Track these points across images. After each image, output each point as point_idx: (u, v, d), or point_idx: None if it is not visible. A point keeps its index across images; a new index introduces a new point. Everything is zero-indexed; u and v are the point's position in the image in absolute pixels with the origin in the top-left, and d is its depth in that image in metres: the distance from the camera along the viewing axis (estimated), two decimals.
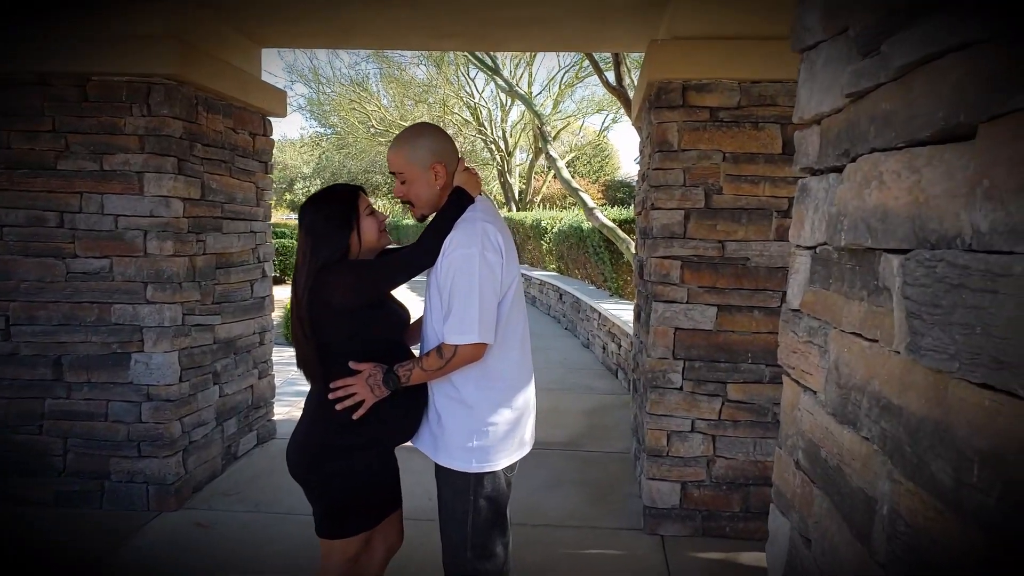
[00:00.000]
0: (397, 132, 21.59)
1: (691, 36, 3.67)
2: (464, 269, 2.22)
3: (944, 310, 0.73)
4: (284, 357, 6.32)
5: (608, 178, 27.92)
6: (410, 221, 33.99)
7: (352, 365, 2.27)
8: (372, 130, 23.21)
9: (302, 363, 2.37)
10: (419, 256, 2.33)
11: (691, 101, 3.70)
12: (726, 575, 3.51)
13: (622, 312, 8.42)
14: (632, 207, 15.97)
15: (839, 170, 1.10)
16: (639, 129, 7.70)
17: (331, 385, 2.27)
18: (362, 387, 2.26)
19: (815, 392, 1.17)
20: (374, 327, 2.35)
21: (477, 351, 2.24)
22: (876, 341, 0.91)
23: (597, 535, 3.89)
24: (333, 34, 4.86)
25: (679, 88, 3.70)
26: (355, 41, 5.08)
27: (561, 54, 19.73)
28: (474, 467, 2.32)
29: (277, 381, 5.53)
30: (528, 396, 2.49)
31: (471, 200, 2.40)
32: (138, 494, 4.08)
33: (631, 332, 7.05)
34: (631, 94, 8.17)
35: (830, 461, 1.06)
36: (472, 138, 23.71)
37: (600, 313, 8.87)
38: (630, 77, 8.35)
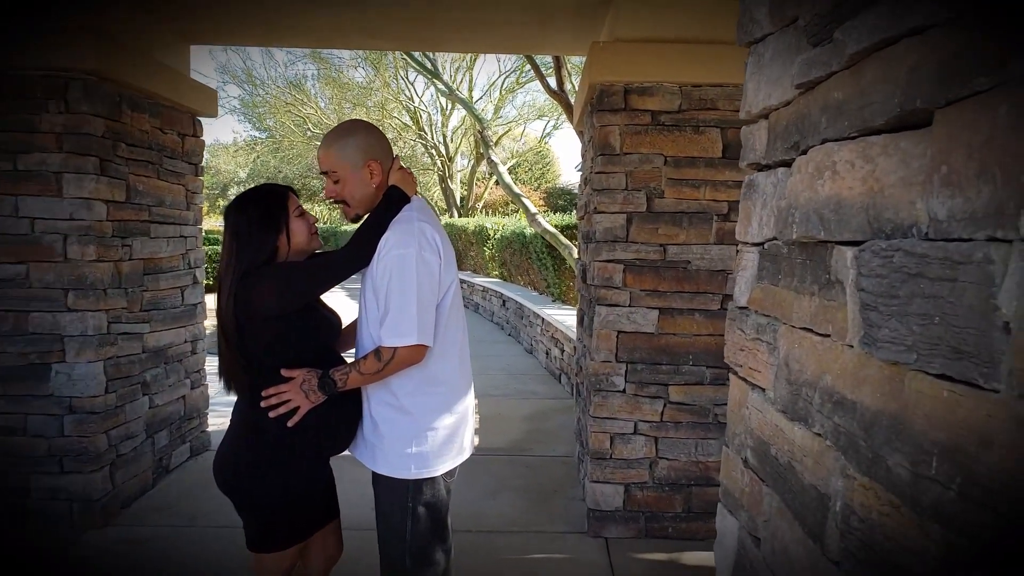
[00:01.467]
0: None
1: (633, 39, 3.68)
2: (401, 270, 2.15)
3: (901, 301, 0.71)
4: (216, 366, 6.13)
5: (549, 185, 28.04)
6: (350, 227, 33.51)
7: (284, 372, 2.18)
8: (308, 133, 22.84)
9: (225, 373, 2.25)
10: (352, 257, 2.25)
11: (633, 104, 3.70)
12: (667, 575, 3.51)
13: (565, 317, 8.43)
14: (574, 213, 16.06)
15: (788, 164, 1.08)
16: (581, 133, 7.75)
17: (263, 393, 2.17)
18: (296, 393, 2.17)
19: (764, 390, 1.15)
20: (303, 333, 2.25)
21: (416, 353, 2.18)
22: (828, 336, 0.89)
23: (541, 539, 3.86)
24: (266, 32, 4.73)
25: (621, 91, 3.69)
26: (289, 39, 4.96)
27: (502, 59, 19.79)
28: (413, 473, 2.26)
29: (211, 391, 5.35)
30: (468, 400, 2.44)
31: (406, 199, 2.33)
32: (62, 512, 3.88)
33: (574, 337, 7.07)
34: (572, 99, 8.21)
35: (780, 459, 1.04)
36: (412, 143, 23.53)
37: (543, 319, 8.86)
38: (571, 82, 8.39)
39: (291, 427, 2.18)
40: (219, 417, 5.86)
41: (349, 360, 2.33)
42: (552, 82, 8.32)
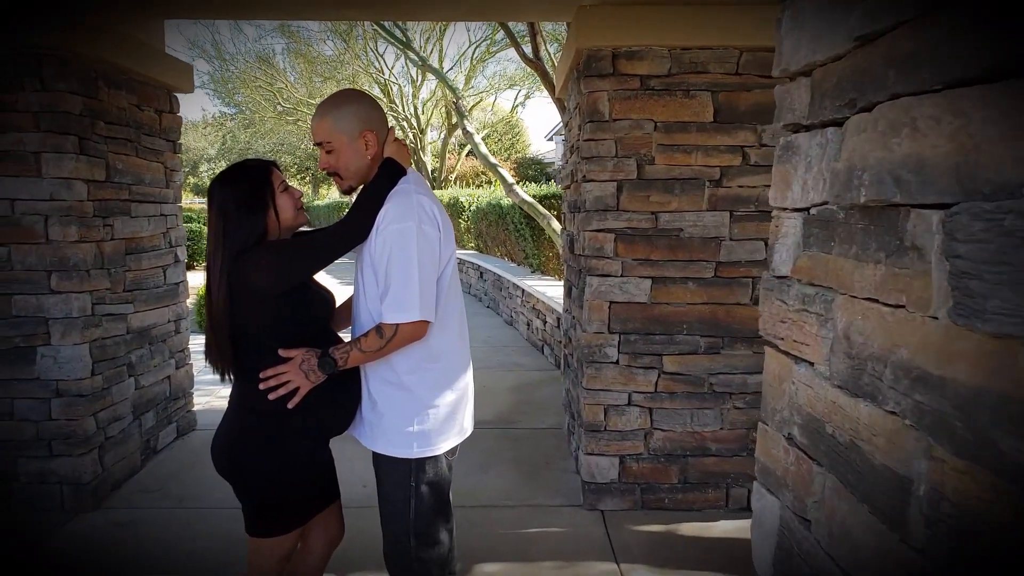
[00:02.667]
0: (305, 111, 20.83)
1: (620, 1, 3.60)
2: (401, 244, 2.09)
3: (1014, 268, 0.66)
4: (200, 345, 6.03)
5: (519, 155, 27.85)
6: (322, 202, 33.09)
7: (282, 352, 2.11)
8: (279, 108, 22.44)
9: (215, 355, 2.17)
10: (349, 232, 2.18)
11: (621, 69, 3.64)
12: (667, 546, 3.52)
13: (546, 288, 8.41)
14: (547, 183, 15.97)
15: (838, 123, 1.03)
16: (559, 101, 7.66)
17: (262, 375, 2.11)
18: (295, 373, 2.11)
19: (812, 364, 1.11)
20: (300, 312, 2.18)
21: (418, 329, 2.13)
22: (901, 307, 0.86)
23: (536, 513, 3.85)
24: (237, 4, 4.58)
25: (609, 56, 3.63)
26: (261, 12, 4.80)
27: (472, 29, 19.52)
28: (415, 452, 2.21)
29: (194, 370, 5.26)
30: (468, 376, 2.40)
31: (403, 172, 2.27)
32: (52, 495, 3.81)
33: (557, 308, 7.05)
34: (548, 67, 8.10)
35: (839, 437, 1.00)
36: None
37: (524, 290, 8.83)
38: (546, 49, 8.27)
39: (290, 408, 2.13)
40: (204, 396, 5.81)
41: (345, 338, 2.28)
42: (528, 50, 8.20)
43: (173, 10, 4.65)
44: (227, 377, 2.22)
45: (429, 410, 2.23)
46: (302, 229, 2.33)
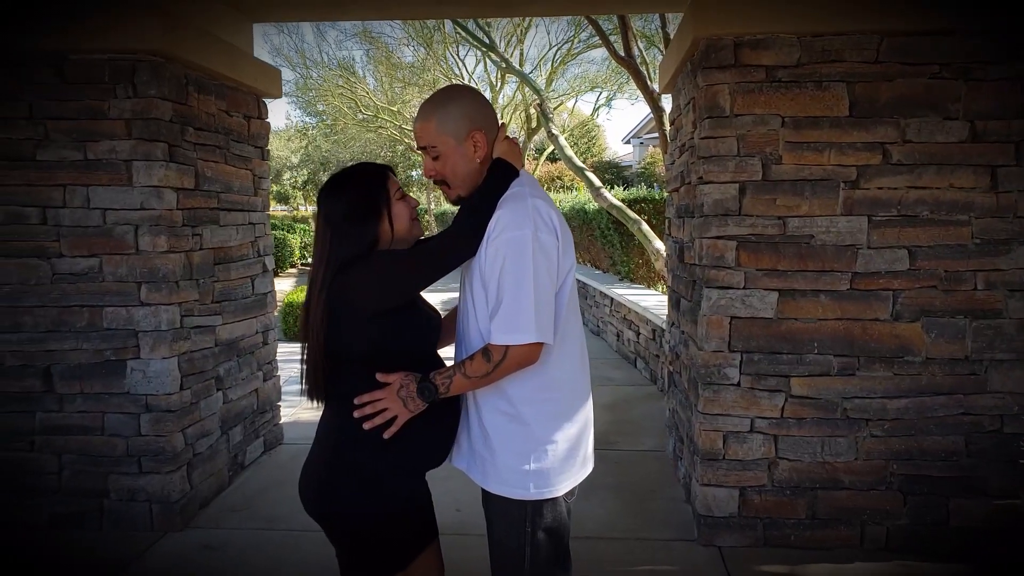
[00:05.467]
0: (386, 118, 21.02)
1: None
2: (515, 255, 1.82)
3: None
4: (284, 354, 5.91)
5: (596, 159, 27.46)
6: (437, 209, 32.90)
7: (380, 377, 1.87)
8: (360, 116, 22.63)
9: (312, 379, 1.96)
10: (458, 243, 1.92)
11: (744, 60, 3.29)
12: None
13: (638, 297, 8.06)
14: (625, 187, 15.55)
15: None
16: (656, 100, 7.32)
17: (357, 400, 1.87)
18: (393, 401, 1.87)
19: None
20: (404, 333, 1.94)
21: (531, 353, 1.86)
22: None
23: (646, 547, 3.53)
24: (328, 4, 4.42)
25: (730, 45, 3.29)
26: (353, 11, 4.63)
27: (552, 31, 19.27)
28: (532, 493, 1.95)
29: (281, 382, 5.13)
30: (589, 405, 2.12)
31: (515, 173, 2.00)
32: (140, 513, 3.70)
33: (653, 319, 6.70)
34: (639, 64, 7.77)
35: None
36: None
37: (612, 299, 8.49)
38: (638, 46, 7.92)
39: (382, 440, 1.88)
40: (289, 407, 5.69)
41: (446, 359, 2.03)
42: (618, 49, 7.88)
43: (265, 12, 4.54)
44: (318, 400, 2.00)
45: (547, 446, 1.96)
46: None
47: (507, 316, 1.82)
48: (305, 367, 1.96)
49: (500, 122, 2.09)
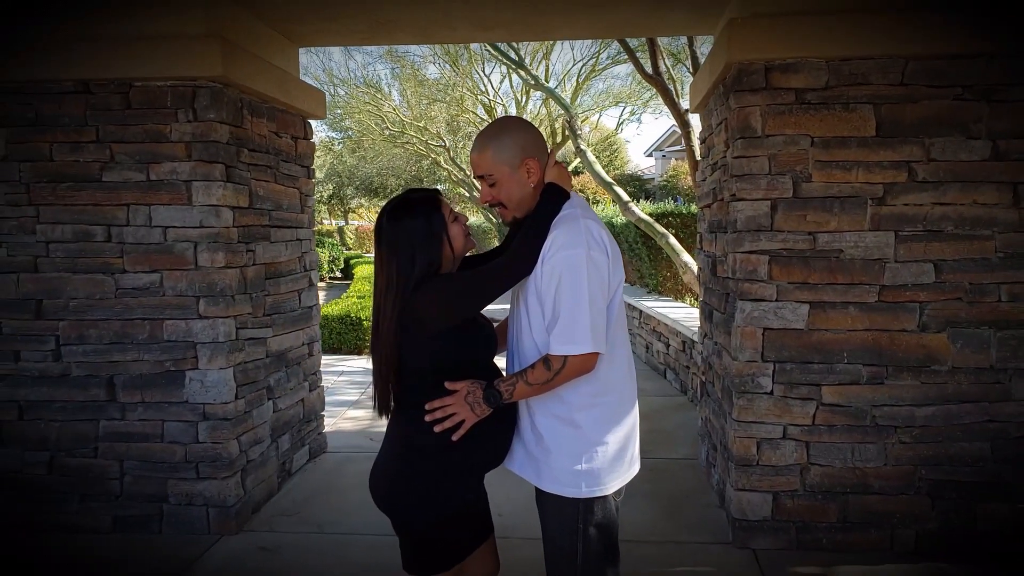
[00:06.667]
0: (412, 133, 21.27)
1: (772, 12, 3.43)
2: (571, 272, 1.99)
3: None
4: (328, 366, 6.13)
5: (618, 172, 27.57)
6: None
7: (448, 385, 2.05)
8: (386, 131, 22.96)
9: (382, 398, 2.14)
10: (516, 265, 2.09)
11: (775, 83, 3.45)
12: None
13: (667, 310, 8.18)
14: (661, 201, 15.65)
15: None
16: (683, 117, 7.48)
17: (428, 407, 2.05)
18: (461, 406, 2.05)
19: None
20: (466, 346, 2.13)
21: (588, 362, 2.03)
22: None
23: (683, 550, 3.66)
24: (373, 29, 4.63)
25: (761, 69, 3.45)
26: (396, 36, 4.84)
27: (576, 47, 19.45)
28: (584, 492, 2.11)
29: (325, 392, 5.32)
30: (636, 410, 2.30)
31: (566, 196, 2.18)
32: (198, 517, 3.89)
33: (682, 331, 6.83)
34: (667, 82, 7.93)
35: None
36: None
37: (641, 311, 8.62)
38: (665, 64, 8.09)
39: (449, 443, 2.06)
40: (330, 418, 5.87)
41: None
42: (646, 66, 8.06)
43: (312, 37, 4.76)
44: (386, 414, 2.18)
45: (598, 447, 2.13)
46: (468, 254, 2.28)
47: (565, 329, 1.99)
48: (374, 383, 2.14)
49: (550, 148, 2.26)
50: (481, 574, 2.39)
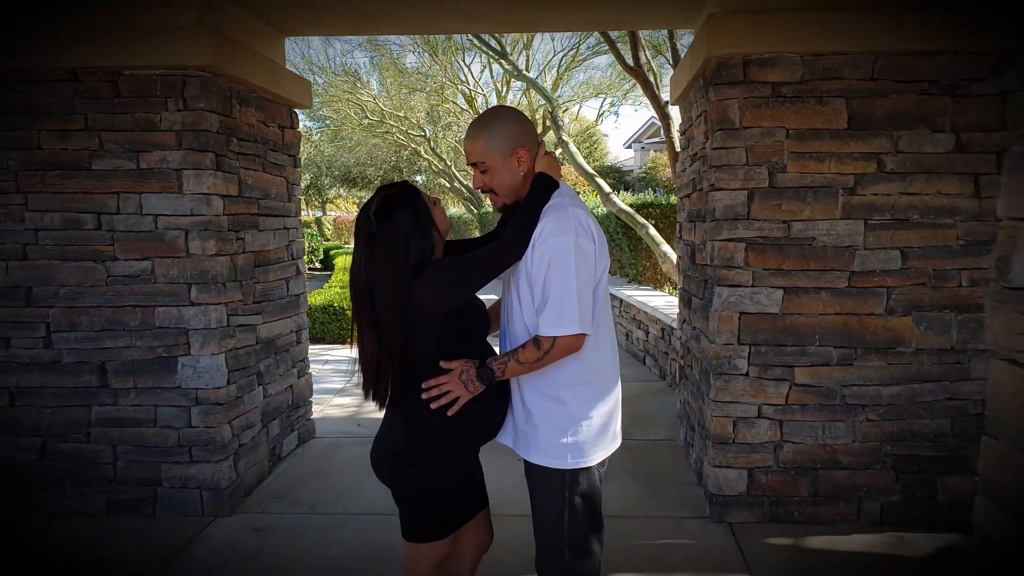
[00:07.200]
0: (391, 123, 21.20)
1: (750, 9, 3.56)
2: (560, 257, 2.11)
3: None
4: (314, 355, 6.21)
5: (597, 164, 27.73)
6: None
7: (443, 364, 2.17)
8: (366, 121, 22.92)
9: (377, 386, 2.23)
10: (508, 251, 2.21)
11: (752, 76, 3.59)
12: (801, 559, 3.44)
13: (647, 298, 8.33)
14: (627, 192, 15.80)
15: None
16: (664, 109, 7.60)
17: (424, 385, 2.17)
18: (456, 384, 2.16)
19: None
20: (463, 329, 2.25)
21: (575, 342, 2.15)
22: None
23: (663, 525, 3.81)
24: (362, 20, 4.71)
25: (739, 63, 3.59)
26: (384, 27, 4.94)
27: (556, 39, 19.53)
28: (570, 463, 2.23)
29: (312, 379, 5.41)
30: (619, 388, 2.42)
31: (555, 186, 2.29)
32: (192, 500, 3.98)
33: (661, 319, 6.98)
34: (648, 74, 8.05)
35: None
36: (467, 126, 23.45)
37: (622, 300, 8.78)
38: (646, 56, 8.21)
39: (446, 418, 2.17)
40: (317, 405, 5.95)
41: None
42: (627, 58, 8.17)
43: (299, 28, 4.83)
44: (382, 405, 2.27)
45: (583, 422, 2.25)
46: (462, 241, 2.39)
47: (554, 311, 2.12)
48: (369, 370, 2.22)
49: (540, 140, 2.38)
50: (476, 542, 2.53)
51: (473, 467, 2.40)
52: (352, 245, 6.30)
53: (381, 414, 2.34)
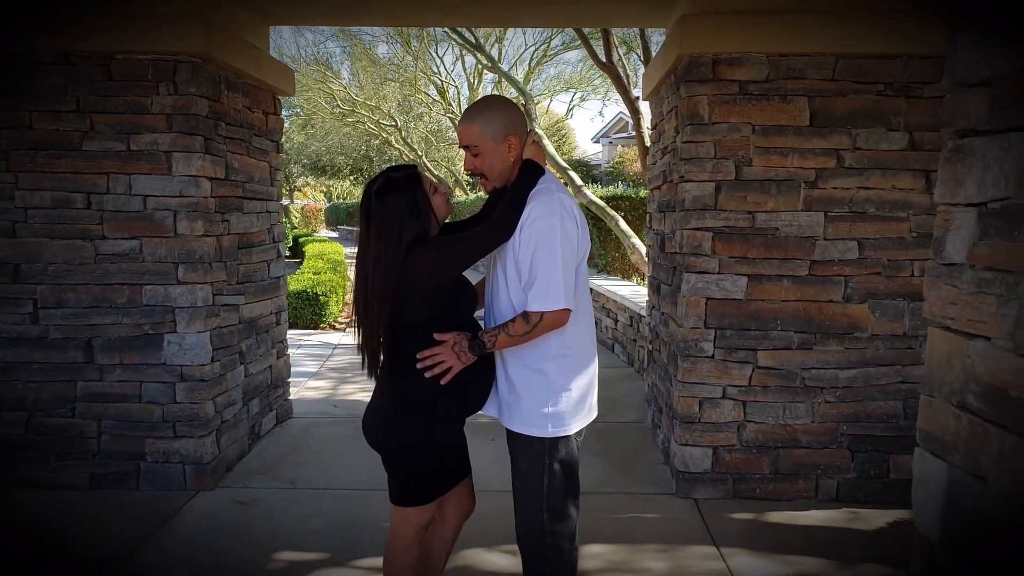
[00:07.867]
0: (363, 112, 21.12)
1: (720, 10, 3.76)
2: (547, 238, 2.27)
3: None
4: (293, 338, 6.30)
5: (566, 158, 27.97)
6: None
7: (437, 336, 2.32)
8: (337, 110, 22.88)
9: (373, 357, 2.37)
10: (497, 230, 2.36)
11: (721, 75, 3.79)
12: (762, 532, 3.65)
13: (616, 288, 8.54)
14: (596, 185, 16.04)
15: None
16: (634, 104, 7.81)
17: (418, 355, 2.31)
18: (449, 355, 2.31)
19: (989, 339, 1.27)
20: (454, 303, 2.40)
21: (561, 316, 2.31)
22: None
23: (632, 500, 4.01)
24: (345, 11, 4.83)
25: (709, 62, 3.78)
26: (366, 19, 5.06)
27: (527, 32, 19.71)
28: (550, 432, 2.39)
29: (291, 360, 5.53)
30: (596, 362, 2.58)
31: (541, 172, 2.46)
32: (175, 474, 4.09)
33: (630, 307, 7.19)
34: (620, 70, 8.26)
35: None
36: (440, 117, 23.53)
37: (592, 289, 8.98)
38: (618, 53, 8.42)
39: (437, 388, 2.32)
40: (294, 387, 6.06)
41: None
42: (600, 54, 8.37)
43: (284, 17, 4.93)
44: (376, 373, 2.41)
45: (563, 393, 2.41)
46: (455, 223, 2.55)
47: (541, 288, 2.28)
48: (365, 341, 2.36)
49: (529, 128, 2.55)
50: (459, 510, 2.68)
51: (459, 435, 2.54)
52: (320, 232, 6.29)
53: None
